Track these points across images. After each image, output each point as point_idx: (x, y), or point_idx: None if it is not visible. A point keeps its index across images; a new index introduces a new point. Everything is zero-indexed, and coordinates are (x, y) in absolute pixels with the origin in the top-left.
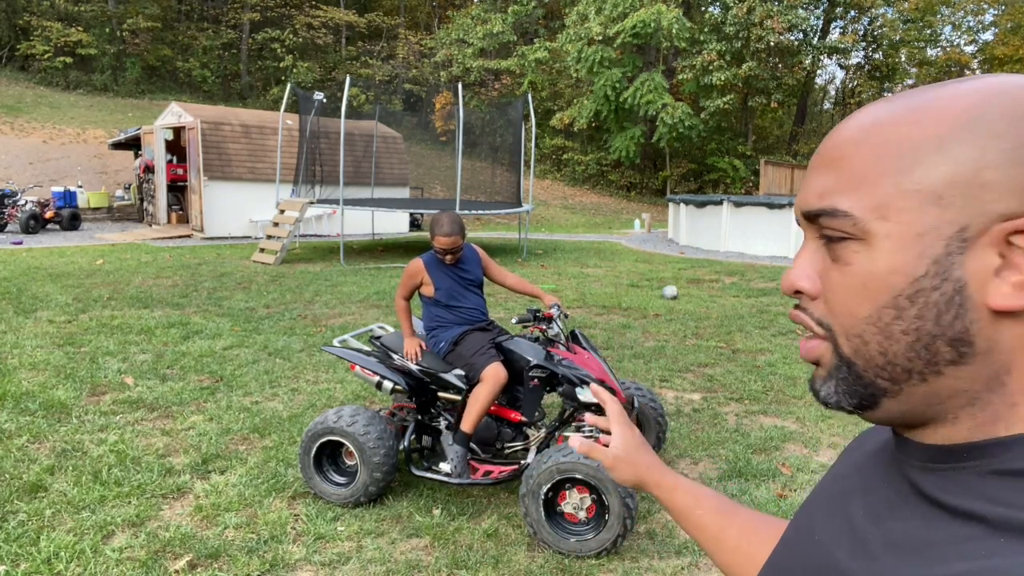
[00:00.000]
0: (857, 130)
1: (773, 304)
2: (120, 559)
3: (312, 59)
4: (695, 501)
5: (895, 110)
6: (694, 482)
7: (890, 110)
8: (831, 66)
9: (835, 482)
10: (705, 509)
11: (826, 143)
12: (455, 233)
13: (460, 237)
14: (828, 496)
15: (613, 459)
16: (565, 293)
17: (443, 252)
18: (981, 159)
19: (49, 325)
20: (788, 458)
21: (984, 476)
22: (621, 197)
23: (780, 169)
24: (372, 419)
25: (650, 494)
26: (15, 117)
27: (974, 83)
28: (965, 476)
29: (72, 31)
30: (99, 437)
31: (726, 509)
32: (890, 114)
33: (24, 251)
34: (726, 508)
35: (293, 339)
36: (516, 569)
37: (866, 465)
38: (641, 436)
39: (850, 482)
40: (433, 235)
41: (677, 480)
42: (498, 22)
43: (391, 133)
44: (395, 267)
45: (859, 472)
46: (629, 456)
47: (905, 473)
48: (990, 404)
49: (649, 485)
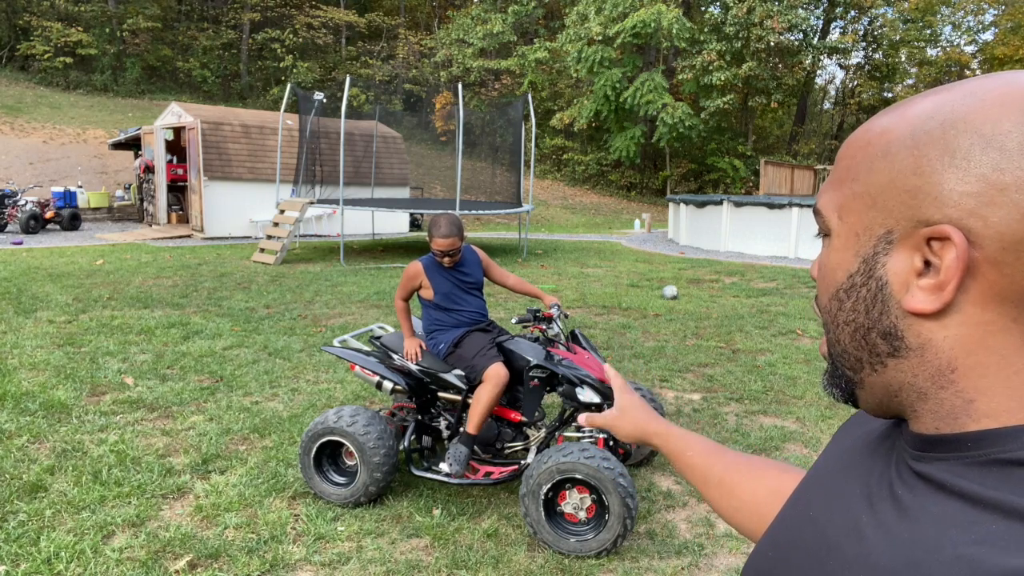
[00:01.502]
0: (855, 136)
1: (773, 304)
2: (120, 559)
3: (312, 59)
4: (686, 444)
5: (885, 117)
6: (689, 431)
7: (883, 117)
8: (831, 66)
9: (832, 460)
10: (695, 451)
11: (847, 144)
12: (453, 235)
13: (458, 239)
14: (825, 474)
15: (613, 417)
16: (565, 293)
17: (442, 254)
18: (915, 166)
19: (49, 325)
20: (788, 458)
21: (968, 465)
22: (621, 197)
23: (780, 169)
24: (372, 419)
25: (652, 445)
26: (15, 117)
27: (938, 91)
28: (950, 465)
29: (72, 31)
30: (99, 437)
31: (713, 451)
32: (878, 121)
33: (24, 251)
34: (714, 450)
35: (293, 339)
36: (516, 569)
37: (863, 446)
38: (642, 399)
39: (846, 461)
40: (431, 237)
41: (670, 428)
42: (498, 22)
43: (391, 133)
44: (395, 267)
45: (856, 452)
46: (627, 413)
47: (901, 457)
48: (944, 400)
49: (648, 435)
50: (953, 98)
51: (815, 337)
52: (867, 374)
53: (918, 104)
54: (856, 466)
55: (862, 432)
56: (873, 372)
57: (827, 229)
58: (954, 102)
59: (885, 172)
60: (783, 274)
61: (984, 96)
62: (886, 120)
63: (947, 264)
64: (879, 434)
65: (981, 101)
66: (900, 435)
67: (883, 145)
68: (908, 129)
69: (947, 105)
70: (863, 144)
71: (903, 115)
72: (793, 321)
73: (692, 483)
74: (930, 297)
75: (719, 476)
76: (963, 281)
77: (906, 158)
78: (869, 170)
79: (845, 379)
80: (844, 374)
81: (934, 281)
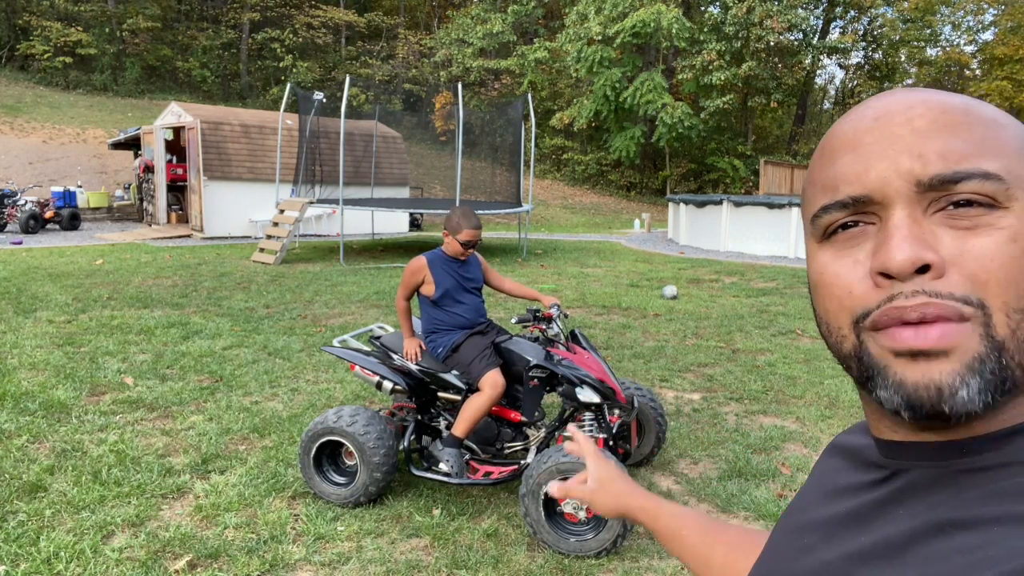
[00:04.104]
0: (954, 104)
1: (773, 304)
2: (120, 559)
3: (312, 59)
4: (680, 523)
5: (957, 97)
6: (675, 504)
7: (951, 97)
8: (831, 66)
9: (819, 485)
10: (691, 530)
11: (927, 107)
12: (481, 226)
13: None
14: (812, 499)
15: (591, 492)
16: (565, 293)
17: (470, 245)
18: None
19: (49, 325)
20: (788, 458)
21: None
22: (621, 197)
23: (780, 169)
24: (372, 419)
25: (636, 520)
26: (15, 117)
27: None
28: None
29: (72, 31)
30: (99, 437)
31: (711, 529)
32: (962, 99)
33: (24, 251)
34: (711, 528)
35: (293, 339)
36: (516, 569)
37: (849, 468)
38: (618, 466)
39: (834, 484)
40: (459, 229)
41: (660, 505)
42: (498, 22)
43: (391, 133)
44: (395, 267)
45: (843, 477)
46: (606, 487)
47: (912, 479)
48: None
49: (632, 511)
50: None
51: (815, 337)
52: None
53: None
54: (844, 488)
55: (845, 454)
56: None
57: (1000, 199)
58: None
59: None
60: (783, 274)
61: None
62: (957, 99)
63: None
64: (862, 452)
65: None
66: (905, 451)
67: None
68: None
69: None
70: (992, 119)
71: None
72: (793, 321)
73: (689, 565)
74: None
75: (722, 560)
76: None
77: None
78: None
79: (1010, 383)
80: (1013, 375)
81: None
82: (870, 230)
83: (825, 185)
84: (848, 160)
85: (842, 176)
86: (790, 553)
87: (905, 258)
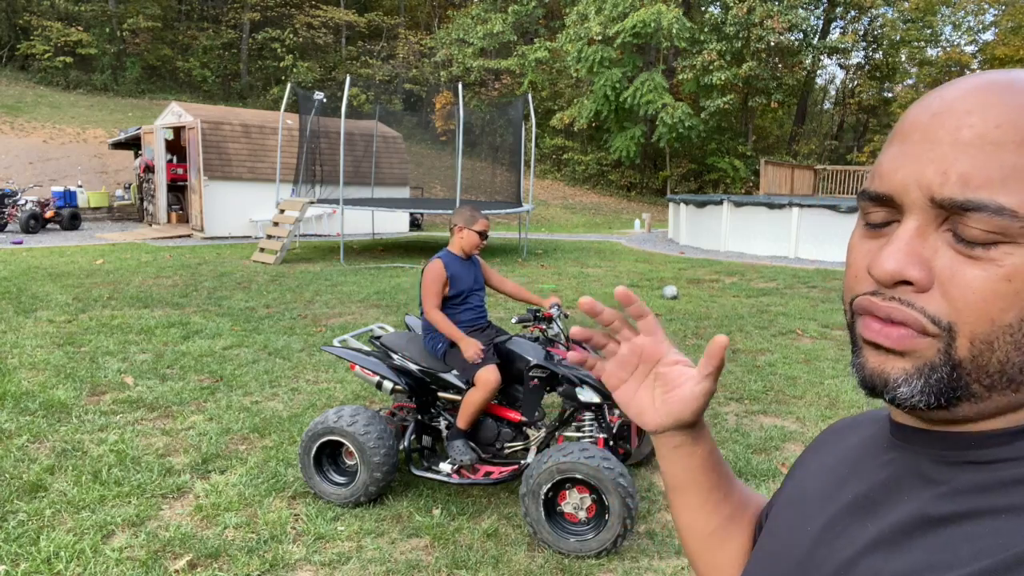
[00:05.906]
0: (1016, 120)
1: (773, 304)
2: (120, 559)
3: (312, 59)
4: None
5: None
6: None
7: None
8: (831, 66)
9: (822, 474)
10: (724, 494)
11: (985, 116)
12: (486, 218)
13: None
14: (817, 487)
15: (687, 390)
16: (565, 293)
17: (486, 235)
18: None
19: (49, 325)
20: (788, 458)
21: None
22: (621, 197)
23: (780, 169)
24: (372, 419)
25: (674, 442)
26: (15, 117)
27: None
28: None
29: (72, 31)
30: (99, 437)
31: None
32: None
33: (24, 251)
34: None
35: (293, 339)
36: (516, 569)
37: (858, 457)
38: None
39: (841, 473)
40: (475, 220)
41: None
42: (498, 22)
43: (391, 133)
44: (395, 267)
45: (851, 463)
46: (690, 403)
47: (917, 465)
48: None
49: (691, 434)
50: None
51: (815, 337)
52: (1004, 393)
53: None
54: (853, 475)
55: (851, 443)
56: (1015, 392)
57: (1014, 234)
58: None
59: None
60: (783, 274)
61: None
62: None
63: None
64: (872, 440)
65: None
66: (916, 439)
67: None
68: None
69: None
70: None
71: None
72: (793, 321)
73: (686, 528)
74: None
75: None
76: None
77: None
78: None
79: (962, 392)
80: (968, 388)
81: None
82: (895, 225)
83: (875, 168)
84: (894, 152)
85: (884, 166)
86: (800, 536)
87: (887, 270)
